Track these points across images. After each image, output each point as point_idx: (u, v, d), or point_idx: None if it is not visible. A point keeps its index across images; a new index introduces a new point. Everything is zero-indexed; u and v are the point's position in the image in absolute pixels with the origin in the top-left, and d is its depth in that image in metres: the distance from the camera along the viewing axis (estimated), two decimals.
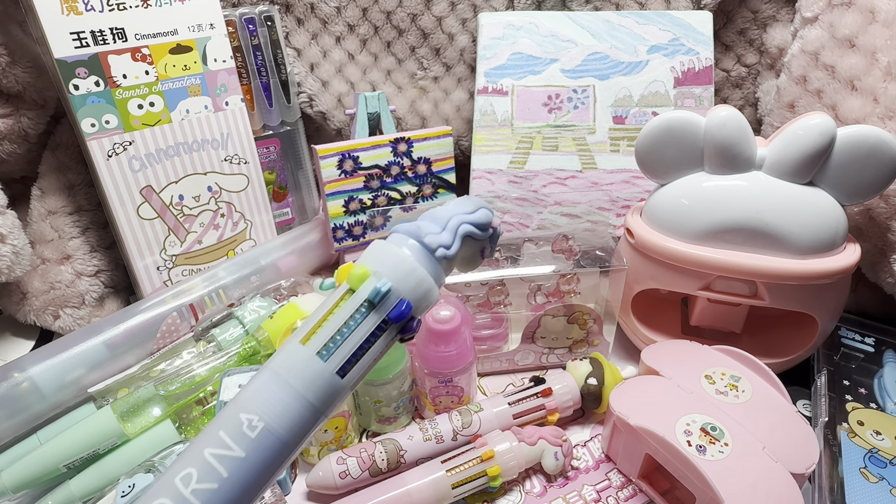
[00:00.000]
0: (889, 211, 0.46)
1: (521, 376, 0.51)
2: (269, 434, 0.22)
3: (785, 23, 0.61)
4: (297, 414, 0.22)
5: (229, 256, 0.59)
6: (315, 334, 0.23)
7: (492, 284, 0.47)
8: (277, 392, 0.22)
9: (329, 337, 0.23)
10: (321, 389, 0.22)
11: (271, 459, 0.22)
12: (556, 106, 0.59)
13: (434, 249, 0.25)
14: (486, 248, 0.28)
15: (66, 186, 0.54)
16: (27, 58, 0.50)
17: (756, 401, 0.39)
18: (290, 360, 0.23)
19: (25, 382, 0.43)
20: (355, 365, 0.23)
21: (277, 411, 0.22)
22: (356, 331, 0.23)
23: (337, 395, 0.23)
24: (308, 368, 0.22)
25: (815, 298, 0.43)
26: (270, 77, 0.59)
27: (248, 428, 0.22)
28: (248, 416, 0.22)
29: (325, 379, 0.22)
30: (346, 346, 0.22)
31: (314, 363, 0.22)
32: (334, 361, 0.22)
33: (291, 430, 0.22)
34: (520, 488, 0.41)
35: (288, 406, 0.22)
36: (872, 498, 0.37)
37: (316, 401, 0.22)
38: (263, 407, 0.22)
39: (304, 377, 0.22)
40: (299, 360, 0.22)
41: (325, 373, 0.22)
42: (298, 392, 0.22)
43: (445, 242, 0.25)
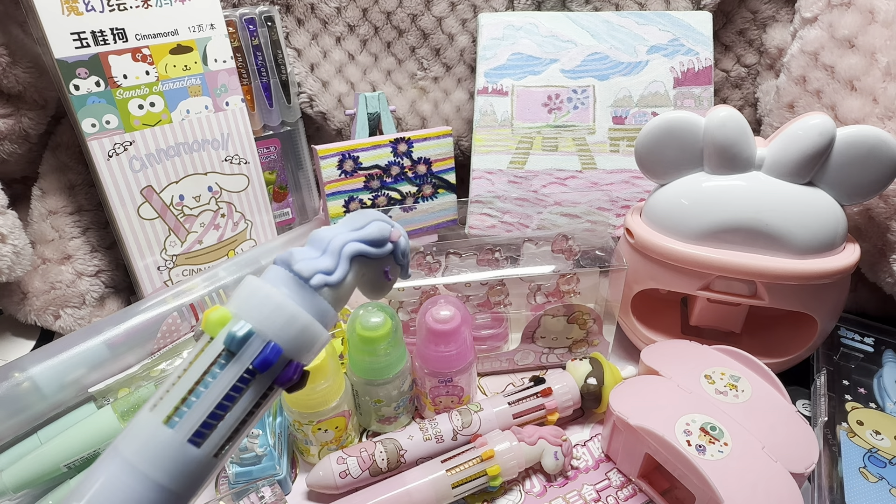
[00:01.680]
0: (888, 211, 0.46)
1: (521, 376, 0.51)
2: None
3: (784, 23, 0.61)
4: (148, 501, 0.18)
5: (230, 256, 0.59)
6: (165, 398, 0.19)
7: (492, 284, 0.47)
8: (121, 477, 0.18)
9: (179, 399, 0.18)
10: (171, 466, 0.18)
11: None
12: (555, 106, 0.59)
13: (308, 278, 0.21)
14: (391, 268, 0.23)
15: (66, 186, 0.54)
16: (28, 58, 0.50)
17: (756, 401, 0.39)
18: (135, 433, 0.18)
19: (26, 382, 0.43)
20: (214, 429, 0.18)
21: (120, 501, 0.18)
22: (212, 387, 0.18)
23: (194, 470, 0.18)
24: (154, 441, 0.18)
25: (815, 298, 0.43)
26: (271, 77, 0.59)
27: None
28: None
29: (173, 452, 0.18)
30: (199, 409, 0.18)
31: (160, 434, 0.18)
32: (184, 429, 0.18)
33: None
34: (520, 488, 0.41)
35: (135, 494, 0.18)
36: (872, 497, 0.37)
37: (166, 481, 0.18)
38: (104, 500, 0.18)
39: (150, 454, 0.18)
40: (144, 433, 0.18)
41: (174, 444, 0.18)
42: (143, 473, 0.18)
43: (324, 268, 0.21)
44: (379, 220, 0.23)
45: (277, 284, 0.20)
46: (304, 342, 0.20)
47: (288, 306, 0.20)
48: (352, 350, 0.42)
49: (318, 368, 0.38)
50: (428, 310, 0.43)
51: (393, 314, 0.42)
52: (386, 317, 0.41)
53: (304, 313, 0.20)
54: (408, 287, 0.47)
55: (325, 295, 0.21)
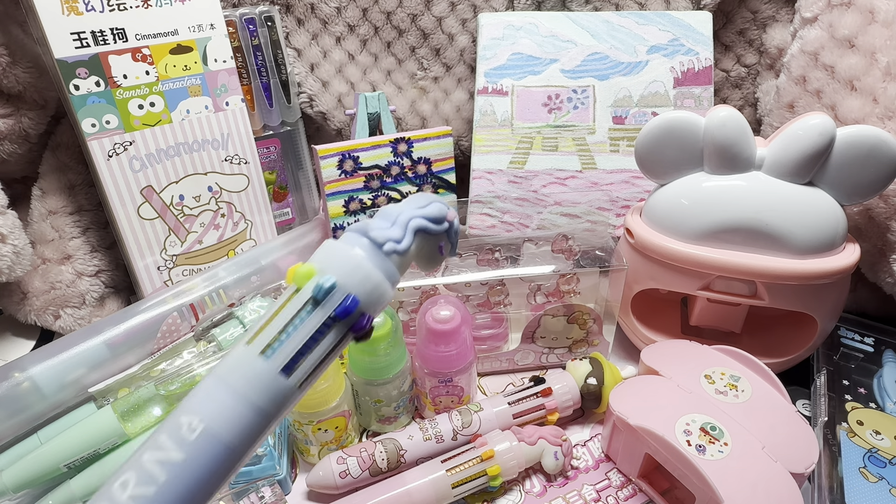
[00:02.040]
0: (888, 211, 0.46)
1: (521, 376, 0.51)
2: (210, 436, 0.21)
3: (784, 23, 0.61)
4: (240, 415, 0.21)
5: (230, 256, 0.59)
6: (259, 334, 0.22)
7: (492, 284, 0.47)
8: (219, 394, 0.21)
9: (273, 336, 0.22)
10: (265, 390, 0.21)
11: (213, 463, 0.21)
12: (555, 106, 0.59)
13: (382, 244, 0.24)
14: (445, 244, 0.27)
15: (66, 186, 0.54)
16: (28, 58, 0.50)
17: (756, 401, 0.39)
18: (233, 361, 0.22)
19: (26, 382, 0.43)
20: (301, 364, 0.22)
21: (218, 412, 0.21)
22: (301, 328, 0.22)
23: (283, 396, 0.22)
24: (250, 369, 0.21)
25: (815, 298, 0.43)
26: (271, 77, 0.59)
27: (187, 430, 0.21)
28: (188, 418, 0.21)
29: (268, 378, 0.21)
30: (290, 345, 0.22)
31: (257, 363, 0.21)
32: (278, 360, 0.22)
33: (234, 433, 0.21)
34: (520, 488, 0.41)
35: (230, 407, 0.21)
36: (872, 497, 0.37)
37: (259, 401, 0.21)
38: (204, 409, 0.21)
39: (247, 378, 0.21)
40: (242, 361, 0.22)
41: (269, 372, 0.21)
42: (240, 393, 0.21)
43: (395, 237, 0.24)
44: (438, 202, 0.26)
45: (355, 247, 0.24)
46: (375, 298, 0.23)
47: (365, 266, 0.23)
48: (352, 350, 0.42)
49: None
50: (428, 310, 0.43)
51: (393, 314, 0.42)
52: (386, 317, 0.41)
53: (378, 273, 0.23)
54: (408, 287, 0.47)
55: (393, 261, 0.24)
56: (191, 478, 0.20)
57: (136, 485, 0.20)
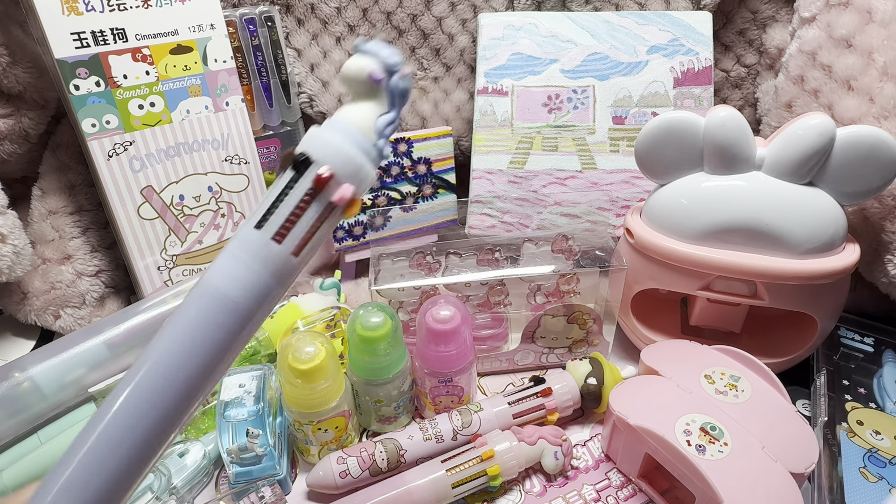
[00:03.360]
0: (883, 211, 0.46)
1: (521, 376, 0.51)
2: (210, 287, 0.24)
3: (784, 23, 0.61)
4: (239, 274, 0.24)
5: None
6: (255, 212, 0.25)
7: (492, 284, 0.47)
8: (223, 260, 0.24)
9: (265, 209, 0.24)
10: (262, 256, 0.24)
11: (217, 313, 0.24)
12: (555, 106, 0.59)
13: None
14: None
15: (66, 186, 0.54)
16: (28, 58, 0.50)
17: (755, 400, 0.39)
18: (235, 237, 0.25)
19: (26, 382, 0.43)
20: (290, 231, 0.24)
21: (219, 271, 0.24)
22: (286, 200, 0.24)
23: (280, 261, 0.24)
24: (248, 239, 0.24)
25: (815, 298, 0.43)
26: (271, 77, 0.59)
27: (193, 285, 0.25)
28: (196, 280, 0.25)
29: (262, 245, 0.24)
30: (278, 215, 0.24)
31: (252, 234, 0.24)
32: (269, 229, 0.24)
33: (235, 288, 0.24)
34: (520, 488, 0.41)
35: (230, 268, 0.24)
36: (872, 497, 0.37)
37: (260, 267, 0.24)
38: (210, 271, 0.24)
39: (246, 247, 0.24)
40: (241, 235, 0.25)
41: (262, 240, 0.24)
42: (238, 258, 0.24)
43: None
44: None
45: (329, 129, 0.25)
46: (351, 169, 0.25)
47: (336, 141, 0.25)
48: (352, 350, 0.42)
49: (318, 368, 0.38)
50: (428, 310, 0.43)
51: (393, 314, 0.42)
52: (386, 317, 0.41)
53: (350, 147, 0.25)
54: (408, 287, 0.47)
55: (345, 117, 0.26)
56: (198, 325, 0.23)
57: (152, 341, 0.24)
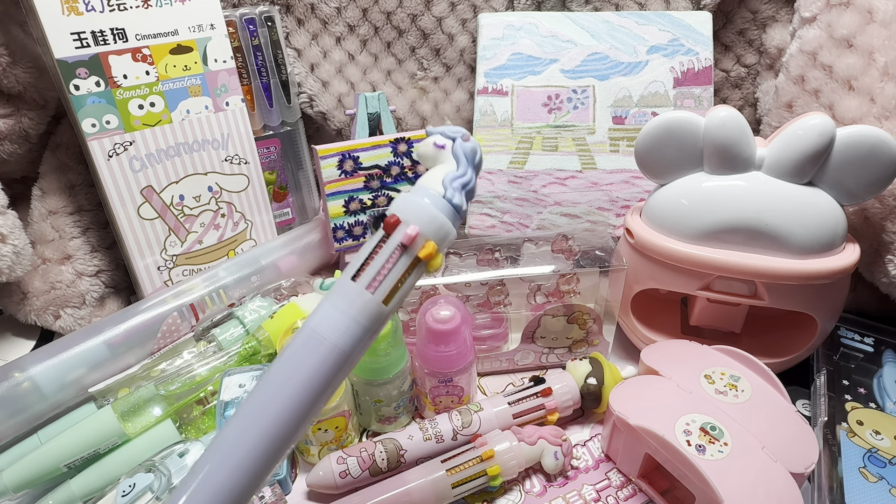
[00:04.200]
0: (884, 211, 0.46)
1: (521, 376, 0.51)
2: (315, 334, 0.26)
3: (784, 23, 0.61)
4: (338, 322, 0.26)
5: (230, 256, 0.59)
6: (352, 265, 0.27)
7: (492, 284, 0.47)
8: (325, 308, 0.27)
9: (360, 264, 0.27)
10: (357, 305, 0.26)
11: (319, 356, 0.26)
12: (555, 106, 0.59)
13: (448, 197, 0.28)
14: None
15: (66, 186, 0.54)
16: (28, 58, 0.50)
17: (755, 400, 0.39)
18: (334, 288, 0.27)
19: (26, 382, 0.43)
20: (382, 282, 0.27)
21: (322, 320, 0.26)
22: (378, 256, 0.27)
23: (372, 309, 0.27)
24: (345, 290, 0.27)
25: (815, 298, 0.43)
26: (271, 77, 0.59)
27: (299, 334, 0.27)
28: (301, 328, 0.27)
29: (357, 294, 0.26)
30: (372, 268, 0.27)
31: (349, 285, 0.27)
32: (364, 280, 0.26)
33: (336, 334, 0.26)
34: (520, 488, 0.41)
35: (332, 317, 0.26)
36: (872, 497, 0.37)
37: (357, 315, 0.26)
38: (311, 319, 0.27)
39: (343, 297, 0.26)
40: (339, 286, 0.27)
41: (357, 289, 0.26)
42: (338, 307, 0.26)
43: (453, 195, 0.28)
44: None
45: (421, 196, 0.28)
46: (436, 229, 0.27)
47: (424, 205, 0.27)
48: None
49: None
50: (428, 310, 0.43)
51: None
52: None
53: (436, 211, 0.27)
54: None
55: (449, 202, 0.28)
56: (305, 367, 0.26)
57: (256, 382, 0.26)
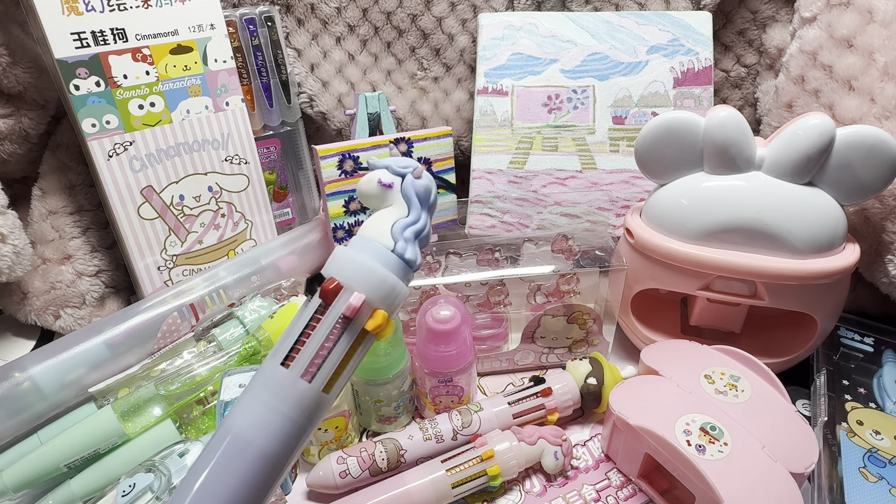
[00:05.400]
0: (884, 211, 0.46)
1: (521, 376, 0.51)
2: (241, 440, 0.22)
3: (784, 23, 0.61)
4: (268, 421, 0.22)
5: (230, 256, 0.59)
6: (280, 347, 0.23)
7: (492, 284, 0.47)
8: (247, 404, 0.22)
9: (290, 345, 0.22)
10: (289, 397, 0.22)
11: (247, 466, 0.22)
12: (555, 106, 0.59)
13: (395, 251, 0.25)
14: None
15: (66, 186, 0.54)
16: (28, 58, 0.50)
17: (755, 400, 0.39)
18: (259, 375, 0.22)
19: (26, 382, 0.43)
20: (320, 367, 0.22)
21: (248, 421, 0.22)
22: (315, 333, 0.22)
23: (309, 401, 0.23)
24: (274, 378, 0.22)
25: (815, 298, 0.43)
26: (271, 77, 0.59)
27: (218, 440, 0.22)
28: (223, 430, 0.22)
29: (289, 385, 0.22)
30: (307, 350, 0.22)
31: (278, 373, 0.22)
32: (297, 367, 0.22)
33: (265, 438, 0.22)
34: (520, 488, 0.41)
35: (262, 417, 0.22)
36: (872, 497, 0.37)
37: (284, 407, 0.22)
38: (234, 418, 0.22)
39: (272, 388, 0.22)
40: (265, 374, 0.22)
41: (289, 379, 0.22)
42: (267, 403, 0.22)
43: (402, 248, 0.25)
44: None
45: (359, 251, 0.24)
46: (385, 293, 0.23)
47: (369, 265, 0.23)
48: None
49: None
50: (428, 310, 0.43)
51: None
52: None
53: (384, 270, 0.23)
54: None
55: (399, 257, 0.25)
56: (227, 480, 0.21)
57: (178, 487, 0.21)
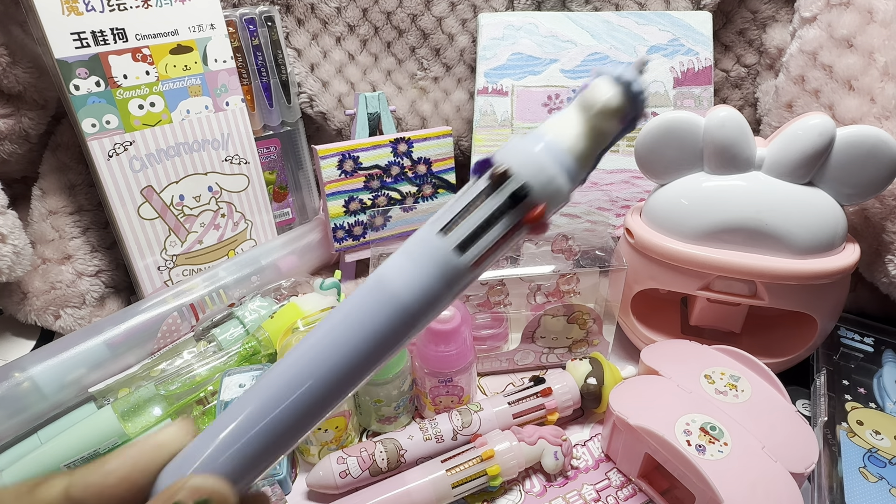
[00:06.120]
0: (884, 211, 0.46)
1: (521, 376, 0.51)
2: (382, 283, 0.23)
3: (784, 23, 0.61)
4: (413, 275, 0.23)
5: (230, 256, 0.59)
6: (440, 217, 0.24)
7: (492, 284, 0.47)
8: (399, 260, 0.23)
9: (451, 216, 0.23)
10: (438, 262, 0.23)
11: (382, 309, 0.22)
12: (555, 106, 0.59)
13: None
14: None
15: (66, 186, 0.54)
16: (28, 58, 0.50)
17: (755, 400, 0.39)
18: (416, 236, 0.24)
19: (26, 382, 0.43)
20: (474, 243, 0.23)
21: (395, 272, 0.23)
22: (476, 211, 0.23)
23: (454, 270, 0.23)
24: (428, 242, 0.23)
25: (815, 298, 0.43)
26: (271, 77, 0.59)
27: (364, 281, 0.23)
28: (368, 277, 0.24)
29: (442, 252, 0.23)
30: (465, 224, 0.23)
31: (434, 239, 0.23)
32: (452, 238, 0.23)
33: (406, 288, 0.23)
34: (520, 488, 0.41)
35: (406, 269, 0.23)
36: (872, 497, 0.37)
37: (431, 269, 0.23)
38: (383, 269, 0.23)
39: (423, 249, 0.23)
40: (421, 238, 0.23)
41: (444, 247, 0.23)
42: (416, 260, 0.23)
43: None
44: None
45: (533, 143, 0.23)
46: (550, 190, 0.23)
47: (541, 158, 0.23)
48: None
49: None
50: None
51: None
52: None
53: (553, 165, 0.23)
54: None
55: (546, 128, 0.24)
56: (361, 319, 0.22)
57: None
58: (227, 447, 0.21)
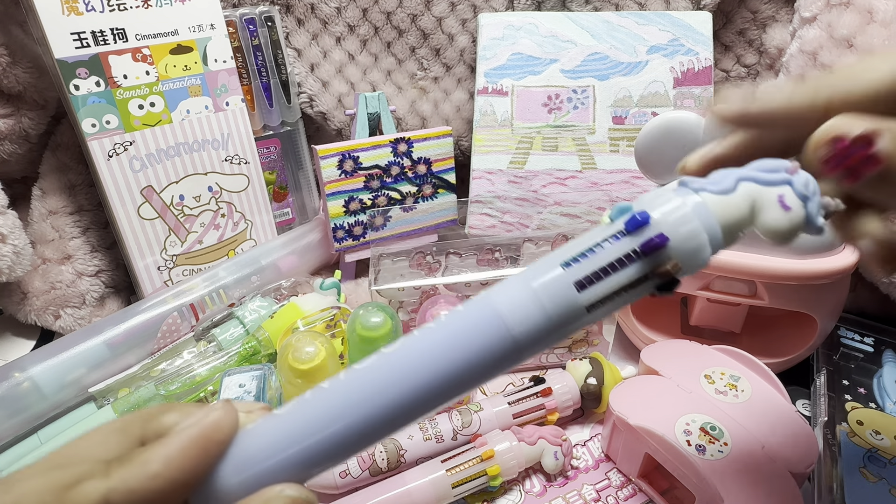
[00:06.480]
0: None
1: (521, 376, 0.51)
2: (489, 305, 0.22)
3: (784, 23, 0.61)
4: (524, 303, 0.22)
5: (230, 256, 0.59)
6: (566, 250, 0.23)
7: (492, 284, 0.47)
8: (514, 283, 0.23)
9: (578, 250, 0.23)
10: (554, 294, 0.22)
11: (485, 330, 0.22)
12: (555, 106, 0.59)
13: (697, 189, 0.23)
14: (786, 195, 0.23)
15: (66, 186, 0.54)
16: (28, 58, 0.50)
17: (755, 400, 0.39)
18: (537, 264, 0.23)
19: (26, 382, 0.43)
20: (594, 283, 0.22)
21: (506, 294, 0.22)
22: (604, 252, 0.22)
23: (570, 307, 0.22)
24: (549, 273, 0.22)
25: (815, 298, 0.43)
26: (271, 77, 0.59)
27: (472, 299, 0.23)
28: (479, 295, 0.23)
29: (561, 285, 0.22)
30: (591, 263, 0.22)
31: (555, 270, 0.22)
32: (574, 273, 0.22)
33: (514, 313, 0.22)
34: (519, 488, 0.41)
35: (517, 293, 0.22)
36: (872, 497, 0.37)
37: (546, 301, 0.22)
38: (494, 290, 0.23)
39: (542, 277, 0.22)
40: (543, 265, 0.23)
41: (564, 280, 0.22)
42: (531, 287, 0.22)
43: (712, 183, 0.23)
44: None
45: (680, 195, 0.23)
46: (688, 249, 0.22)
47: (684, 211, 0.22)
48: (352, 350, 0.42)
49: (318, 368, 0.38)
50: (428, 310, 0.43)
51: (393, 314, 0.42)
52: (386, 317, 0.41)
53: (697, 223, 0.22)
54: (408, 287, 0.47)
55: (712, 208, 0.23)
56: (458, 336, 0.22)
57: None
58: (300, 440, 0.20)
